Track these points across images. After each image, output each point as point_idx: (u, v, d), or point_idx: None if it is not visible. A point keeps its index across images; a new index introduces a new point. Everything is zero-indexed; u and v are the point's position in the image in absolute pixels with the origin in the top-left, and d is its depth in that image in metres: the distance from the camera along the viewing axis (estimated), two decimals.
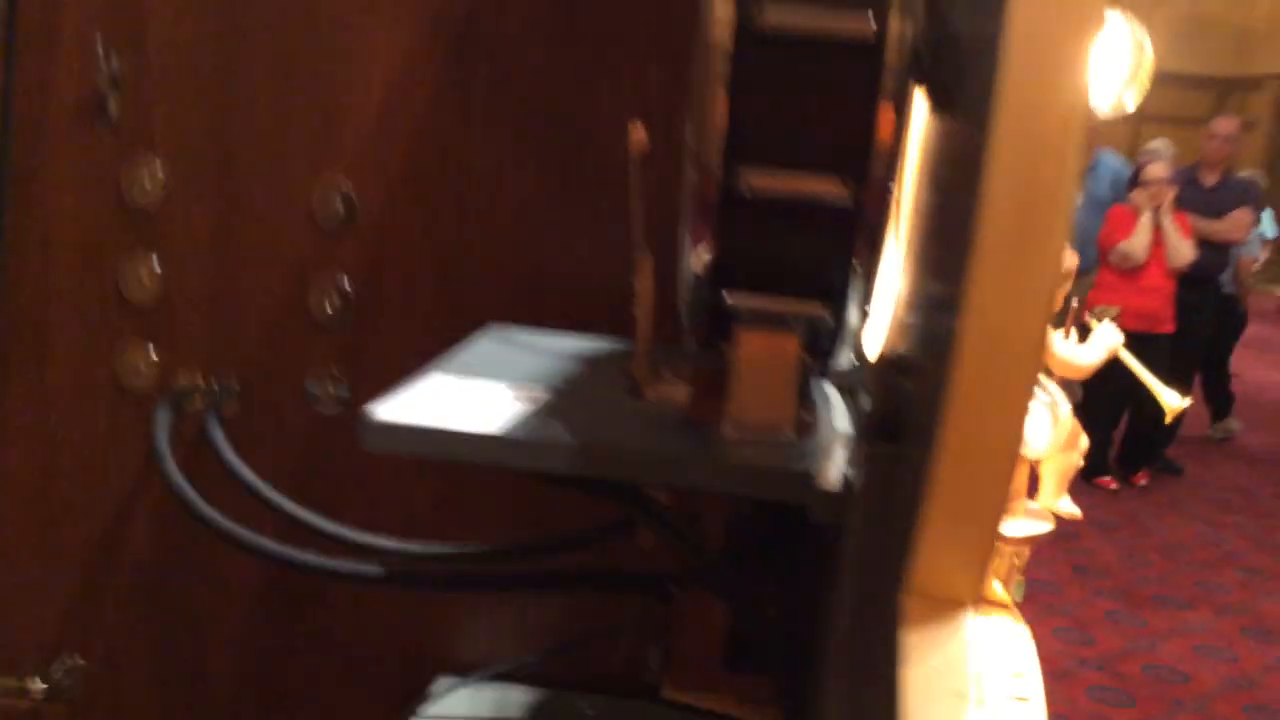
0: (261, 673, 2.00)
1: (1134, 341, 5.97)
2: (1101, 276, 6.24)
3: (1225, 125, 6.97)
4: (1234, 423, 8.12)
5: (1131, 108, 1.00)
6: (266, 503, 1.70)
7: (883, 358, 1.00)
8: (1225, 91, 15.13)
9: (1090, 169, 6.71)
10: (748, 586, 1.20)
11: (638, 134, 1.23)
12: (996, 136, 0.69)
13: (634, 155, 1.23)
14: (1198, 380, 7.29)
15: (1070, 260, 1.41)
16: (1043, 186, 0.70)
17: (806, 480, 1.07)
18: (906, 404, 0.93)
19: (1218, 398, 7.96)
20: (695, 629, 1.29)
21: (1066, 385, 1.52)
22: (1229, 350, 7.72)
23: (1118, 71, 0.94)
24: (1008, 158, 0.70)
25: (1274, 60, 14.40)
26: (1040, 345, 0.74)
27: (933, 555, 0.81)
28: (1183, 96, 14.75)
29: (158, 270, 1.84)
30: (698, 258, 1.09)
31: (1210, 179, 6.64)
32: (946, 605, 0.83)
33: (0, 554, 1.93)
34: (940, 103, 0.85)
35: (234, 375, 1.87)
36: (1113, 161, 7.03)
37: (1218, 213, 6.41)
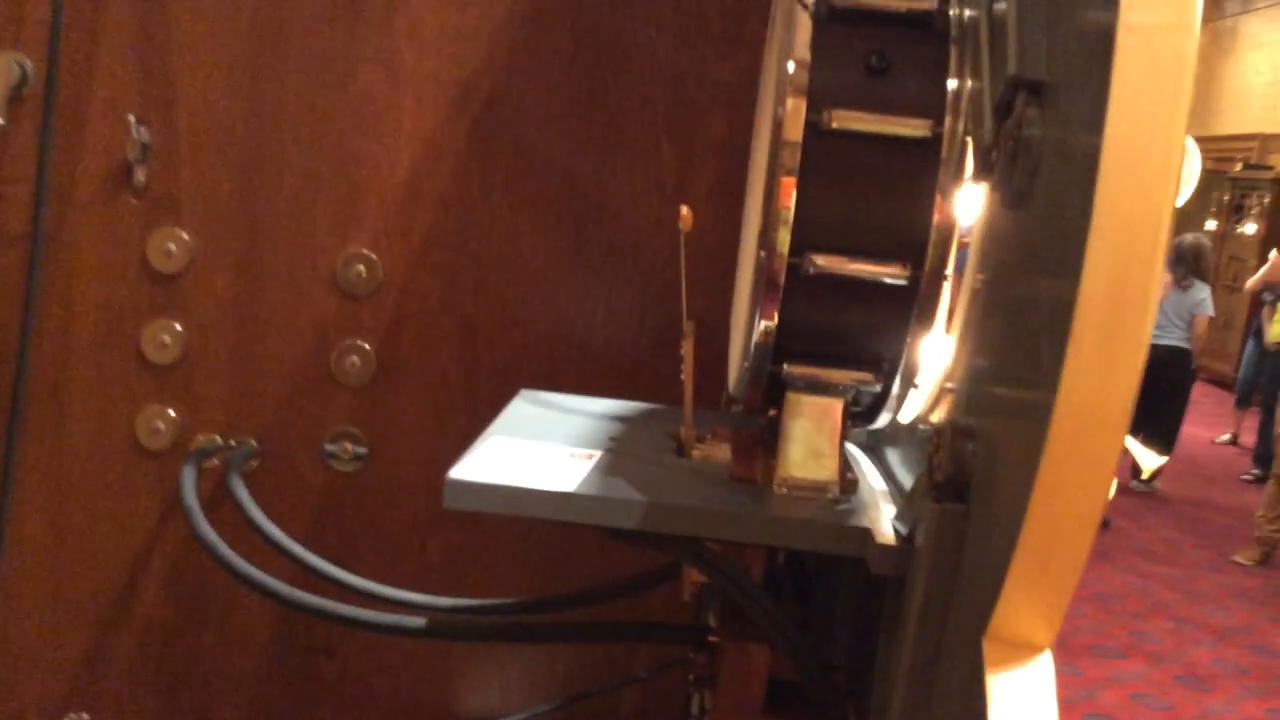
0: None
1: None
2: None
3: None
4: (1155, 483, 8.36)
5: (1180, 203, 1.12)
6: (293, 558, 1.73)
7: (942, 422, 1.10)
8: None
9: None
10: (801, 634, 1.28)
11: (686, 214, 1.32)
12: (1095, 230, 0.79)
13: (683, 231, 1.32)
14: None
15: None
16: (1133, 282, 0.80)
17: (863, 535, 1.16)
18: (973, 466, 1.02)
19: (1164, 446, 7.99)
20: (738, 675, 1.36)
21: None
22: (1179, 407, 7.80)
23: (1184, 175, 1.05)
24: (1105, 248, 0.80)
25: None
26: (1128, 413, 0.83)
27: (1017, 604, 0.90)
28: None
29: (180, 332, 1.88)
30: (760, 330, 1.18)
31: None
32: (1025, 650, 0.92)
33: (12, 611, 1.93)
34: (1014, 199, 0.95)
35: (254, 434, 1.91)
36: None
37: None
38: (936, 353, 1.21)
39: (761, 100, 1.44)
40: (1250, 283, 7.95)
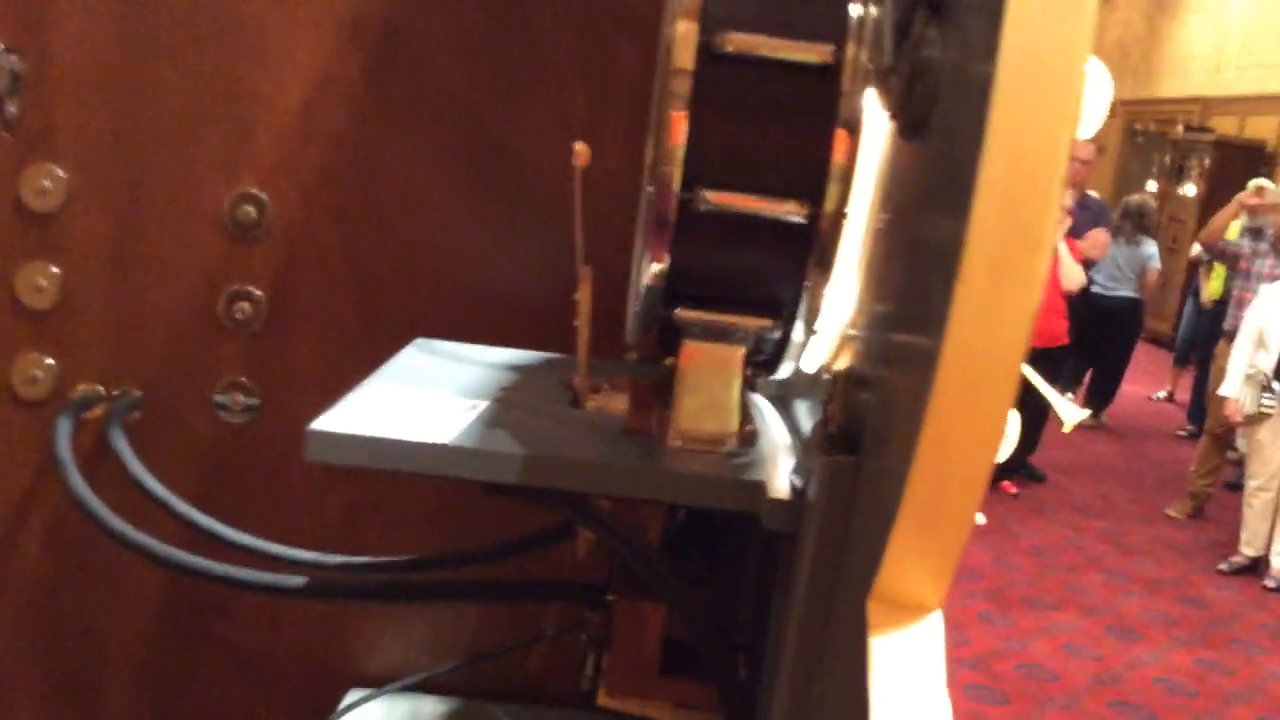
0: (162, 690, 1.93)
1: (1033, 357, 6.30)
2: None
3: (1084, 149, 7.33)
4: (1104, 418, 8.98)
5: (1089, 136, 1.06)
6: (175, 514, 1.64)
7: (841, 370, 1.03)
8: None
9: None
10: (693, 592, 1.21)
11: (581, 149, 1.24)
12: (986, 160, 0.72)
13: (577, 169, 1.24)
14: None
15: None
16: (1028, 215, 0.73)
17: (757, 489, 1.09)
18: (867, 417, 0.95)
19: (1107, 391, 8.72)
20: (633, 635, 1.30)
21: None
22: (1127, 354, 8.55)
23: (1088, 105, 0.98)
24: (997, 181, 0.73)
25: (1121, 87, 15.15)
26: (1020, 361, 0.77)
27: (903, 562, 0.84)
28: None
29: (57, 275, 1.77)
30: (651, 272, 1.11)
31: (1067, 200, 6.95)
32: (913, 610, 0.86)
33: None
34: (911, 129, 0.88)
35: (138, 384, 1.81)
36: None
37: (1076, 232, 6.71)
38: (839, 297, 1.15)
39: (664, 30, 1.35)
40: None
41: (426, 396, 1.25)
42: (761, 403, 1.44)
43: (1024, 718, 4.25)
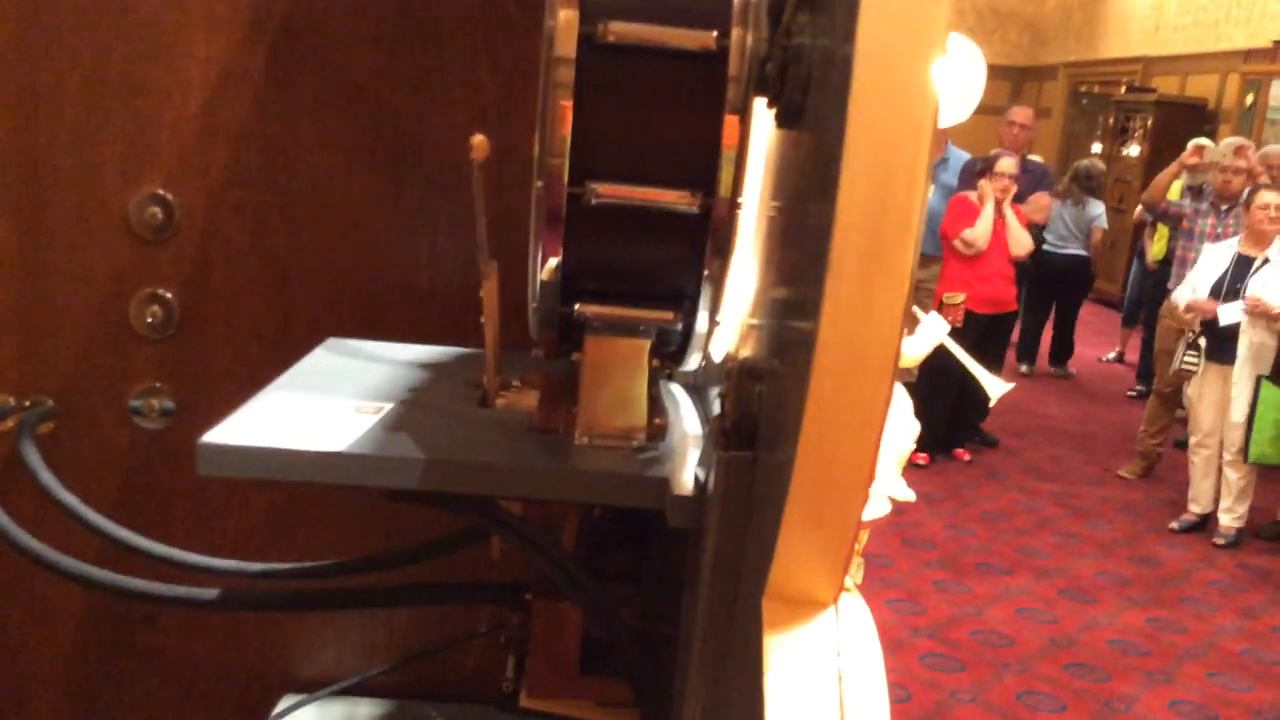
0: (93, 703, 1.90)
1: (984, 323, 6.28)
2: (947, 267, 6.51)
3: (1021, 114, 7.37)
4: (1070, 369, 9.45)
5: (966, 117, 1.05)
6: (89, 526, 1.61)
7: (735, 362, 1.02)
8: (1022, 80, 15.97)
9: (943, 163, 7.06)
10: (604, 592, 1.20)
11: (479, 142, 1.21)
12: (849, 149, 0.71)
13: (475, 163, 1.21)
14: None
15: None
16: (894, 196, 0.72)
17: (661, 486, 1.08)
18: (761, 408, 0.94)
19: (1065, 345, 9.31)
20: (551, 635, 1.29)
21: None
22: (1078, 307, 9.16)
23: (958, 86, 0.97)
24: (860, 169, 0.71)
25: (1064, 50, 15.25)
26: (895, 350, 0.75)
27: (793, 559, 0.83)
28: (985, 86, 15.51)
29: None
30: (547, 267, 1.09)
31: (1012, 168, 6.98)
32: (807, 607, 0.85)
33: None
34: (787, 116, 0.86)
35: (50, 393, 1.76)
36: (962, 155, 7.37)
37: (1019, 197, 6.74)
38: (740, 286, 1.13)
39: None
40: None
41: (328, 402, 1.23)
42: (678, 393, 1.42)
43: (981, 684, 4.29)
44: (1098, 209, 8.69)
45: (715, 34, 1.00)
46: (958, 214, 6.46)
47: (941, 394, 6.17)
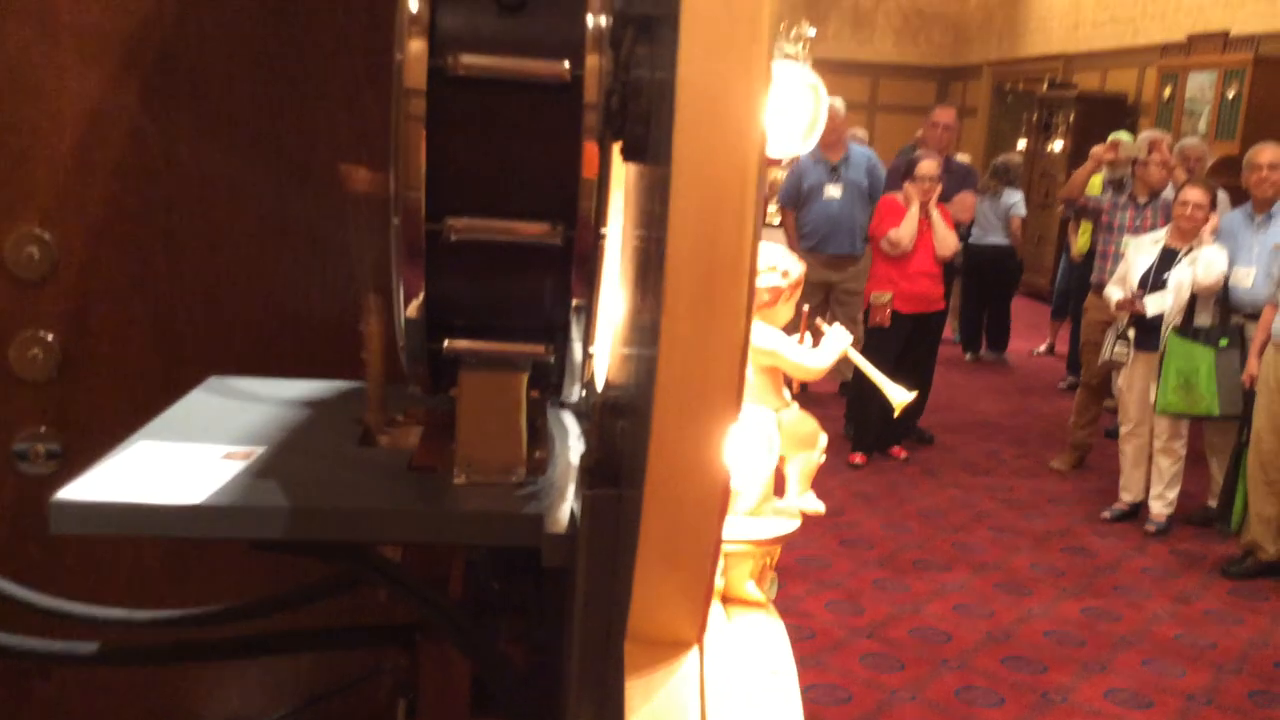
0: None
1: (912, 322, 6.29)
2: (875, 267, 6.57)
3: (944, 114, 7.43)
4: (1007, 356, 9.78)
5: (808, 148, 1.04)
6: None
7: (602, 395, 1.00)
8: (947, 80, 16.17)
9: (845, 161, 7.10)
10: (484, 635, 1.17)
11: (355, 174, 1.18)
12: (675, 187, 0.70)
13: (352, 194, 1.19)
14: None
15: (796, 270, 1.46)
16: (723, 233, 0.70)
17: (536, 524, 1.06)
18: (624, 444, 0.92)
19: (1002, 334, 9.69)
20: (440, 676, 1.26)
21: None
22: (1011, 294, 9.57)
23: (796, 116, 0.96)
24: (688, 206, 0.70)
25: (987, 49, 15.46)
26: (734, 383, 0.74)
27: (651, 599, 0.81)
28: (909, 86, 15.71)
29: None
30: (411, 304, 1.06)
31: (935, 169, 7.04)
32: (669, 649, 0.83)
33: None
34: (631, 151, 0.85)
35: None
36: (862, 151, 7.40)
37: (944, 196, 6.80)
38: (611, 316, 1.12)
39: None
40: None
41: (196, 450, 1.19)
42: (568, 421, 1.40)
43: (919, 681, 4.30)
44: (1014, 197, 9.02)
45: (568, 64, 0.98)
46: (884, 215, 6.52)
47: (875, 394, 6.20)
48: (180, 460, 1.15)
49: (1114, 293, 5.94)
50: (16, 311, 1.68)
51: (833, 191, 7.16)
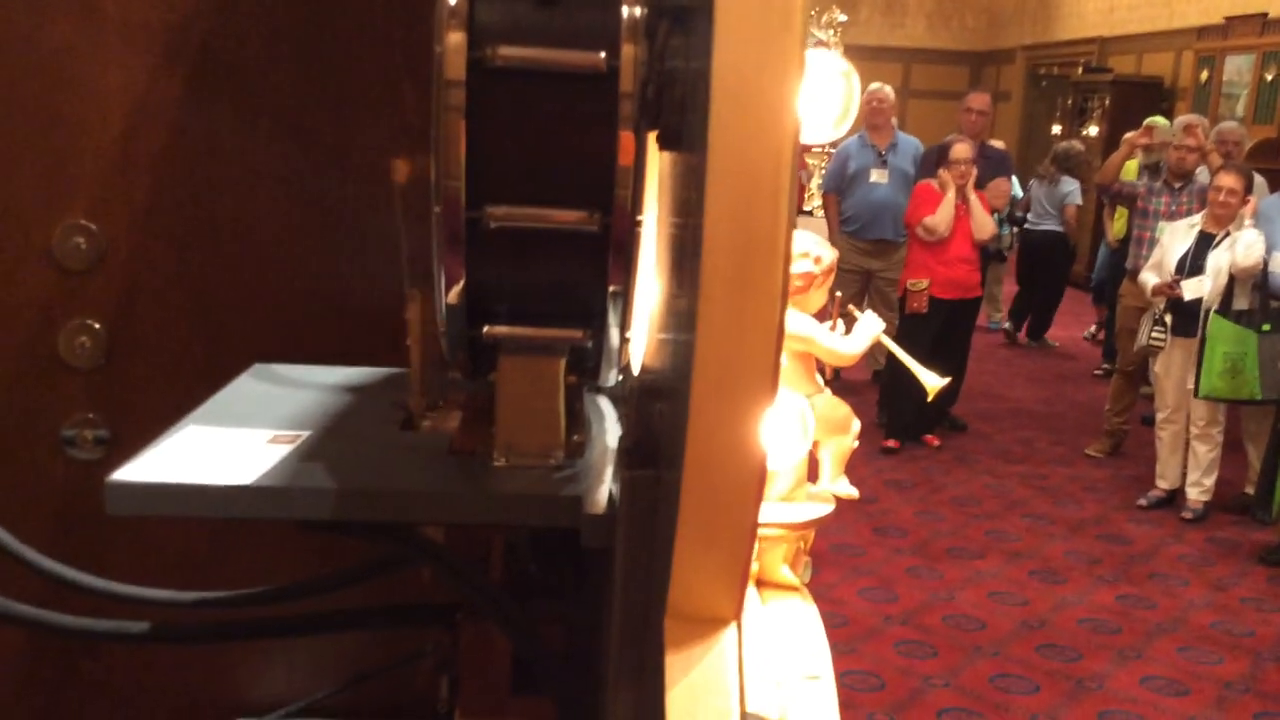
0: None
1: (949, 308, 6.26)
2: (911, 254, 6.55)
3: (979, 100, 7.38)
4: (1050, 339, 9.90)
5: (841, 133, 1.05)
6: (20, 560, 1.59)
7: (639, 379, 1.02)
8: (980, 65, 16.05)
9: (892, 148, 7.09)
10: (525, 614, 1.20)
11: (400, 165, 1.21)
12: (711, 174, 0.71)
13: (396, 186, 1.21)
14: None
15: (828, 256, 1.47)
16: (758, 218, 0.72)
17: (576, 505, 1.08)
18: (662, 426, 0.94)
19: (1043, 320, 9.82)
20: (482, 656, 1.29)
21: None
22: (1063, 281, 9.68)
23: (828, 103, 0.97)
24: (723, 193, 0.72)
25: (1021, 33, 15.33)
26: (770, 366, 0.76)
27: (690, 577, 0.83)
28: (942, 71, 15.61)
29: None
30: (452, 291, 1.08)
31: (969, 153, 7.01)
32: (708, 625, 0.85)
33: None
34: (666, 139, 0.86)
35: None
36: (909, 139, 7.39)
37: (979, 182, 6.77)
38: (647, 301, 1.14)
39: None
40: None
41: (243, 434, 1.22)
42: (604, 406, 1.42)
43: (954, 669, 4.31)
44: (1070, 185, 9.08)
45: (604, 55, 1.00)
46: (920, 201, 6.49)
47: (908, 382, 6.18)
48: (228, 444, 1.19)
49: (1149, 278, 5.89)
50: (65, 301, 1.72)
51: (878, 177, 7.14)
